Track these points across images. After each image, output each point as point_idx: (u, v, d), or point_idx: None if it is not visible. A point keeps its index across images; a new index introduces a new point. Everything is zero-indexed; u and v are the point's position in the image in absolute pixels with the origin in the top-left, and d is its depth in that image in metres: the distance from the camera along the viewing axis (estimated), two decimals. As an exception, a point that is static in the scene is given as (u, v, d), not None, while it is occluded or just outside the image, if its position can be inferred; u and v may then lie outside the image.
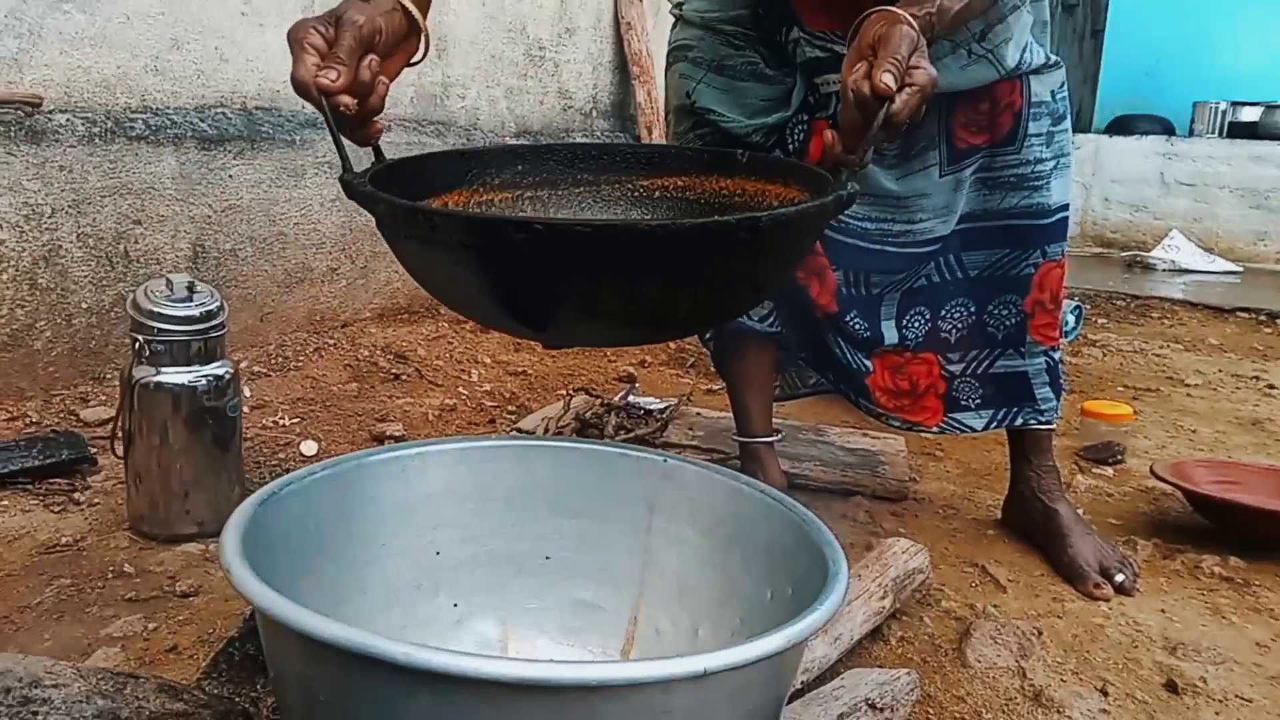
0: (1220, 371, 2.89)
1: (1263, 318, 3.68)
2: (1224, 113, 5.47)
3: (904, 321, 1.53)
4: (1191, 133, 5.57)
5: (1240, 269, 4.74)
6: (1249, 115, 5.43)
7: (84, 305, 1.99)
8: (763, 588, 0.86)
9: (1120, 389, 2.64)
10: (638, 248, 0.78)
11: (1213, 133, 5.47)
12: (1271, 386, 2.73)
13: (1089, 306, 3.65)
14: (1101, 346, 3.15)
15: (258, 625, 0.70)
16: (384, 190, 0.94)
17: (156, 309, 1.40)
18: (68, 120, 1.96)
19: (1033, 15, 1.37)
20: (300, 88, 0.88)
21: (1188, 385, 2.72)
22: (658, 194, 1.08)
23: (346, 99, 0.89)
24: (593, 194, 1.09)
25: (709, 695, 0.61)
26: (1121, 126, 5.96)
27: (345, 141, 0.92)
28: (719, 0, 1.40)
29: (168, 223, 2.13)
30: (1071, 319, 3.09)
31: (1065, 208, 1.45)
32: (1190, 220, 5.19)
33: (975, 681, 1.18)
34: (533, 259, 0.78)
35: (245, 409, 1.96)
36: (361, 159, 0.93)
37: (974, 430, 1.56)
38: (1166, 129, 5.77)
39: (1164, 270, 4.69)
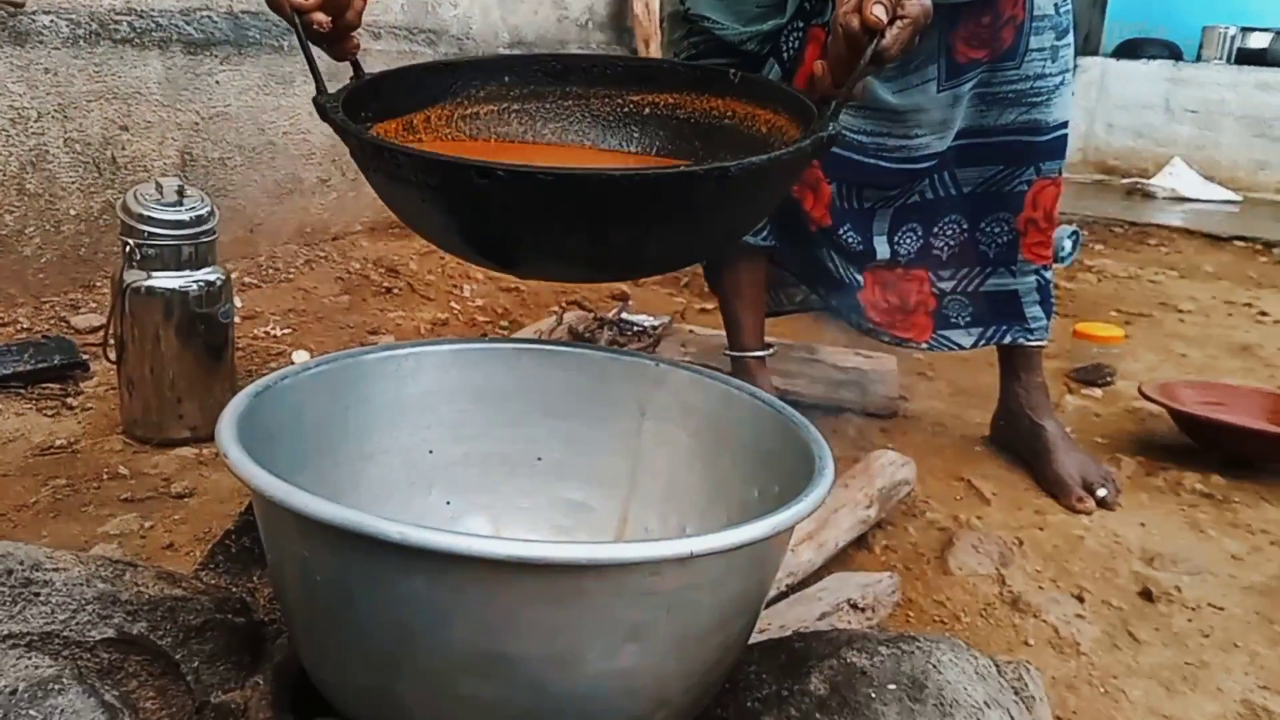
0: (1214, 298, 2.90)
1: (1259, 246, 3.67)
2: (1233, 38, 5.37)
3: (896, 237, 1.52)
4: (1199, 58, 5.47)
5: (1240, 198, 4.71)
6: (1258, 41, 5.33)
7: (72, 212, 1.97)
8: (750, 487, 0.87)
9: (1113, 314, 2.65)
10: (603, 196, 0.77)
11: (1221, 58, 5.37)
12: (1264, 313, 2.74)
13: (1087, 233, 3.64)
14: (1097, 272, 3.15)
15: (255, 510, 0.72)
16: (363, 107, 0.93)
17: (146, 212, 1.39)
18: (51, 22, 1.91)
19: None
20: (272, 3, 0.86)
21: (1180, 311, 2.73)
22: (648, 110, 1.06)
23: (320, 16, 0.86)
24: (582, 108, 1.07)
25: (694, 579, 0.63)
26: (1129, 50, 5.84)
27: (325, 57, 0.90)
28: None
29: (155, 129, 2.09)
30: (1069, 244, 3.08)
31: (1064, 125, 1.44)
32: (1193, 148, 5.13)
33: (955, 587, 1.21)
34: (497, 202, 0.78)
35: (236, 319, 1.96)
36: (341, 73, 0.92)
37: (962, 348, 1.57)
38: (1174, 54, 5.67)
39: (1164, 198, 4.66)
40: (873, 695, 0.72)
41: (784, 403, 0.89)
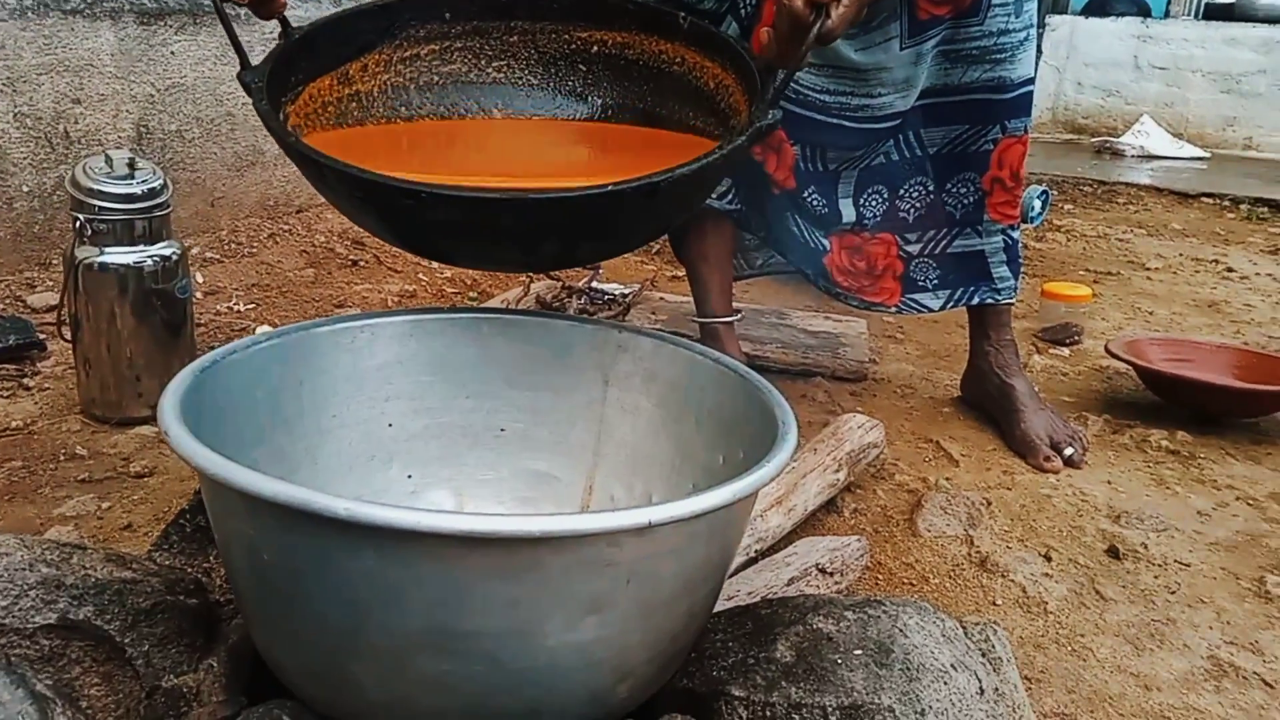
0: (1181, 255, 2.92)
1: (1226, 203, 3.69)
2: (1200, -7, 5.38)
3: (861, 200, 1.51)
4: (1167, 14, 5.48)
5: (1208, 155, 4.74)
6: (1226, -5, 5.34)
7: (25, 188, 1.92)
8: (715, 453, 0.86)
9: (1082, 273, 2.65)
10: (528, 216, 0.76)
11: (1189, 14, 5.39)
12: (1230, 270, 2.76)
13: (1056, 192, 3.64)
14: (1066, 232, 3.16)
15: (200, 487, 0.70)
16: (295, 68, 0.90)
17: (97, 186, 1.35)
18: (-5, -9, 1.85)
19: None
20: None
21: (1148, 269, 2.74)
22: (595, 49, 1.02)
23: None
24: (528, 46, 1.03)
25: (655, 549, 0.61)
26: (1097, 7, 5.84)
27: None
28: None
29: (108, 102, 2.04)
30: (1038, 204, 3.09)
31: (1029, 82, 1.43)
32: (1161, 105, 5.15)
33: (924, 549, 1.21)
34: (424, 218, 0.77)
35: (198, 295, 1.93)
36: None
37: (931, 310, 1.57)
38: (1142, 10, 5.67)
39: (1133, 156, 4.67)
40: (839, 661, 0.71)
41: (750, 368, 0.88)
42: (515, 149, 1.02)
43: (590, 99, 1.04)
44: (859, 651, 0.72)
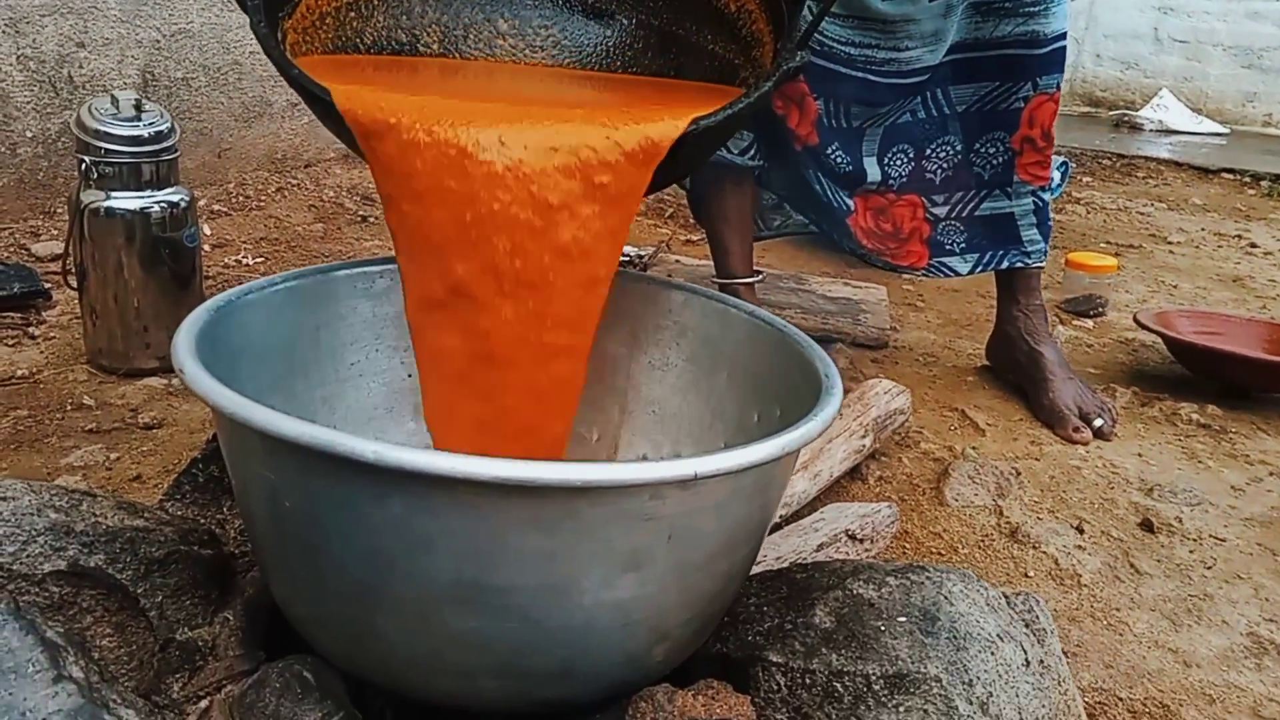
0: (1203, 230, 2.87)
1: (1247, 179, 3.63)
2: (1224, -34, 5.26)
3: (886, 159, 1.46)
4: (1189, -14, 5.37)
5: (1227, 131, 4.66)
6: (1250, -31, 5.22)
7: (29, 134, 1.87)
8: (749, 411, 0.83)
9: (1103, 245, 2.61)
10: None
11: (1211, -13, 5.28)
12: (1253, 245, 2.71)
13: (1075, 165, 3.58)
14: (1086, 204, 3.11)
15: (217, 432, 0.66)
16: None
17: (102, 128, 1.31)
18: (-2, -71, 1.79)
19: None
20: None
21: (1170, 243, 2.69)
22: None
23: None
24: None
25: (697, 503, 0.58)
26: (1118, -21, 5.72)
27: None
28: None
29: (113, 46, 1.99)
30: (1057, 175, 3.02)
31: (1063, 36, 1.38)
32: (1181, 79, 5.06)
33: (952, 519, 1.18)
34: None
35: (206, 248, 1.89)
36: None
37: (959, 274, 1.53)
38: (1163, -17, 5.56)
39: (1151, 130, 4.60)
40: (882, 628, 0.68)
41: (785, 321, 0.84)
42: (526, 94, 0.97)
43: (602, 11, 0.98)
44: (903, 619, 0.69)
